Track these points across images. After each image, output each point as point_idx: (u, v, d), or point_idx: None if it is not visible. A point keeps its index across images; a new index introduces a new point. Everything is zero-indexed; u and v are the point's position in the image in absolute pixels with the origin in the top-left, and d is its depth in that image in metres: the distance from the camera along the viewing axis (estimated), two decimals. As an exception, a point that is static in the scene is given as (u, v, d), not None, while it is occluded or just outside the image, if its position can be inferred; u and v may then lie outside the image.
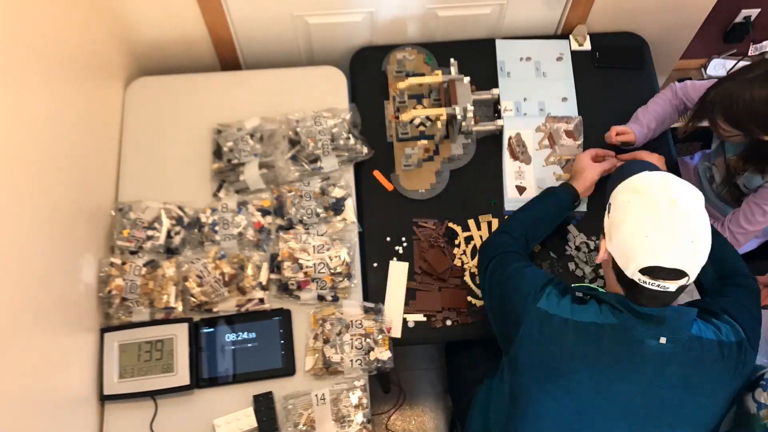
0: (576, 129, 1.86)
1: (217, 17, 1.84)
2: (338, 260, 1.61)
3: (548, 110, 1.89)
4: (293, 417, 1.49)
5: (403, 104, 1.86)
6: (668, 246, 1.11)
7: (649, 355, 1.18)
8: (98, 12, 1.69)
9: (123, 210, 1.66)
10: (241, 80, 1.90)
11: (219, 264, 1.60)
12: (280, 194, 1.71)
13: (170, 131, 1.80)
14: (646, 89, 1.93)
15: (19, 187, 1.24)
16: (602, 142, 1.80)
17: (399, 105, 1.86)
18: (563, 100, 1.90)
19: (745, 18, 2.38)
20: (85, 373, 1.48)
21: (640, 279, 1.14)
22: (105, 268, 1.57)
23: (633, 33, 2.03)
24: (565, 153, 1.84)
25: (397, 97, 1.86)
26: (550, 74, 1.94)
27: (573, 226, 1.75)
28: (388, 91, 1.89)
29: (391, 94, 1.88)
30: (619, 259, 1.17)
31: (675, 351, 1.18)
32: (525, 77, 1.93)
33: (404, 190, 1.78)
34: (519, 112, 1.88)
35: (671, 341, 1.18)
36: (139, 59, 1.96)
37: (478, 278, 1.69)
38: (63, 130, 1.46)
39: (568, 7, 1.94)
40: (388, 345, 1.56)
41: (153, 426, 1.50)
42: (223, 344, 1.56)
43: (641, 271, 1.13)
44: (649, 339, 1.18)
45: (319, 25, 1.94)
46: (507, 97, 1.90)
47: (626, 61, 1.98)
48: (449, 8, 1.93)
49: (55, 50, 1.45)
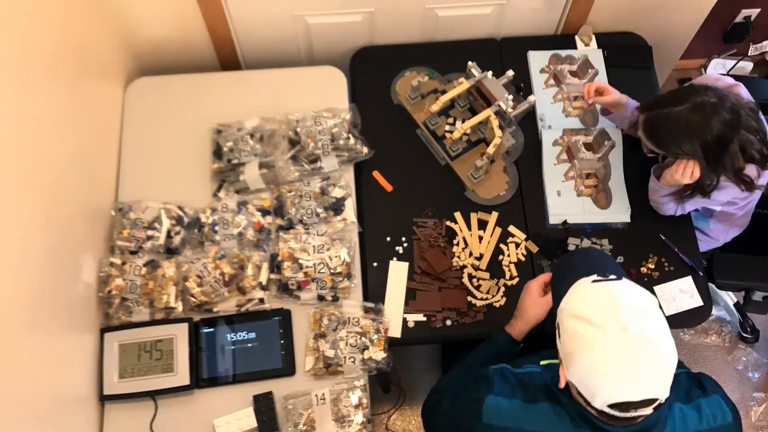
0: (596, 141, 1.84)
1: (217, 17, 1.84)
2: (338, 260, 1.61)
3: (584, 120, 1.89)
4: (293, 417, 1.49)
5: (436, 125, 1.84)
6: (631, 380, 1.00)
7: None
8: (98, 12, 1.69)
9: (123, 210, 1.66)
10: (241, 80, 1.90)
11: (219, 264, 1.60)
12: (280, 194, 1.71)
13: (170, 131, 1.80)
14: (648, 89, 1.93)
15: (19, 187, 1.24)
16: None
17: (434, 127, 1.84)
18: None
19: (745, 18, 2.38)
20: (85, 373, 1.48)
21: (610, 411, 1.04)
22: (105, 268, 1.57)
23: (633, 33, 2.03)
24: (585, 167, 1.82)
25: (429, 121, 1.84)
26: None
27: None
28: (414, 121, 1.87)
29: (421, 120, 1.85)
30: (582, 391, 1.07)
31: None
32: (560, 88, 1.93)
33: (487, 200, 1.78)
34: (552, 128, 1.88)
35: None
36: (139, 59, 1.96)
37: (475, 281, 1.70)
38: (63, 130, 1.46)
39: (568, 7, 1.94)
40: (383, 345, 1.56)
41: (153, 426, 1.50)
42: (223, 344, 1.56)
43: (610, 406, 1.03)
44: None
45: (319, 25, 1.94)
46: (544, 108, 1.90)
47: (634, 61, 1.98)
48: (449, 8, 1.93)
49: (55, 50, 1.45)
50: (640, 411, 1.03)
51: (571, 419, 1.12)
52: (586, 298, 1.08)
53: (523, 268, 1.71)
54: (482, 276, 1.70)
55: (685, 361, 1.67)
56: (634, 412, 1.03)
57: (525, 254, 1.73)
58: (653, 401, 1.02)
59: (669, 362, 1.03)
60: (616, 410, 1.03)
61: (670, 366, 1.03)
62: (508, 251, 1.73)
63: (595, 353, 1.02)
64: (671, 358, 1.03)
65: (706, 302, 1.69)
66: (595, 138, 1.85)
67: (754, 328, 2.31)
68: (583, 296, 1.09)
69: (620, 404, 1.02)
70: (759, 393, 2.26)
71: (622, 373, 1.00)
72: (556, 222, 1.75)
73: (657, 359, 1.01)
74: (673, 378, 1.04)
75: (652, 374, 1.00)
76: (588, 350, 1.02)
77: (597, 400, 1.04)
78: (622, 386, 1.01)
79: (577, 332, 1.05)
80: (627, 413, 1.03)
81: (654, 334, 1.02)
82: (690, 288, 1.70)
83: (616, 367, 1.00)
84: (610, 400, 1.02)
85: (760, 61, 2.62)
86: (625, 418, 1.05)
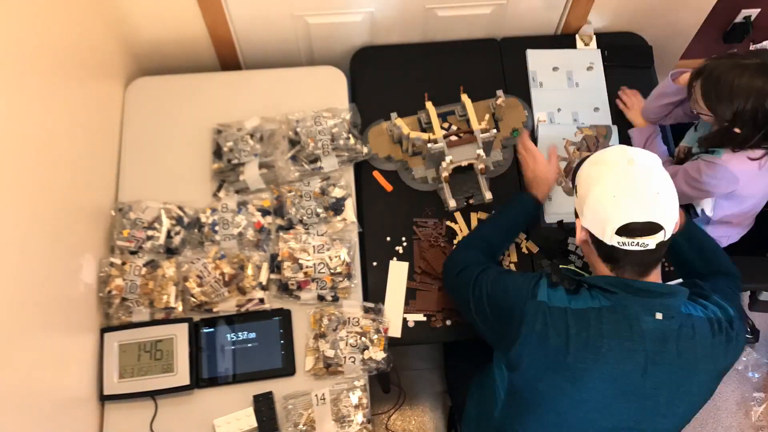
0: (589, 140, 1.84)
1: (217, 17, 1.84)
2: (338, 260, 1.61)
3: (581, 120, 1.89)
4: (293, 417, 1.49)
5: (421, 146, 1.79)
6: (636, 201, 1.15)
7: (648, 331, 1.19)
8: (98, 12, 1.69)
9: (123, 210, 1.66)
10: (241, 80, 1.90)
11: (219, 264, 1.60)
12: (280, 194, 1.71)
13: (170, 131, 1.80)
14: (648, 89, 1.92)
15: (18, 187, 1.24)
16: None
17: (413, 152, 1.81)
18: (595, 110, 1.90)
19: (745, 18, 2.38)
20: (85, 373, 1.48)
21: (618, 242, 1.17)
22: (105, 268, 1.57)
23: (633, 33, 2.03)
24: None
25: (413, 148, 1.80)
26: (582, 84, 1.94)
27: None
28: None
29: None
30: (594, 230, 1.21)
31: (671, 327, 1.19)
32: (557, 87, 1.93)
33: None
34: (553, 123, 1.88)
35: (667, 317, 1.19)
36: (139, 59, 1.96)
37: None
38: (63, 130, 1.46)
39: (568, 8, 1.94)
40: (383, 345, 1.56)
41: (153, 426, 1.50)
42: (223, 344, 1.56)
43: (618, 233, 1.16)
44: (645, 315, 1.19)
45: (319, 25, 1.94)
46: (540, 107, 1.90)
47: (634, 61, 1.98)
48: (449, 8, 1.93)
49: (55, 50, 1.45)
50: (644, 238, 1.15)
51: (603, 291, 1.23)
52: (600, 151, 1.27)
53: (524, 268, 1.71)
54: (482, 276, 1.70)
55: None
56: (640, 238, 1.15)
57: (526, 252, 1.73)
58: (656, 230, 1.15)
59: (669, 196, 1.18)
60: (624, 236, 1.16)
61: (671, 196, 1.18)
62: (509, 251, 1.73)
63: (605, 181, 1.19)
64: (671, 198, 1.18)
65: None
66: (588, 137, 1.86)
67: (754, 328, 2.31)
68: (597, 153, 1.27)
69: (627, 228, 1.15)
70: (759, 393, 2.26)
71: (627, 195, 1.16)
72: (552, 221, 1.75)
73: (659, 185, 1.17)
74: (675, 222, 1.18)
75: (653, 199, 1.15)
76: (600, 181, 1.20)
77: (607, 230, 1.17)
78: (627, 208, 1.15)
79: (591, 174, 1.23)
80: (633, 240, 1.16)
81: (656, 171, 1.19)
82: (690, 288, 1.70)
83: (623, 191, 1.16)
84: (618, 223, 1.15)
85: (760, 61, 2.61)
86: (633, 252, 1.17)
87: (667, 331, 1.19)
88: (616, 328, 1.20)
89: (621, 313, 1.20)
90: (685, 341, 1.20)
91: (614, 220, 1.16)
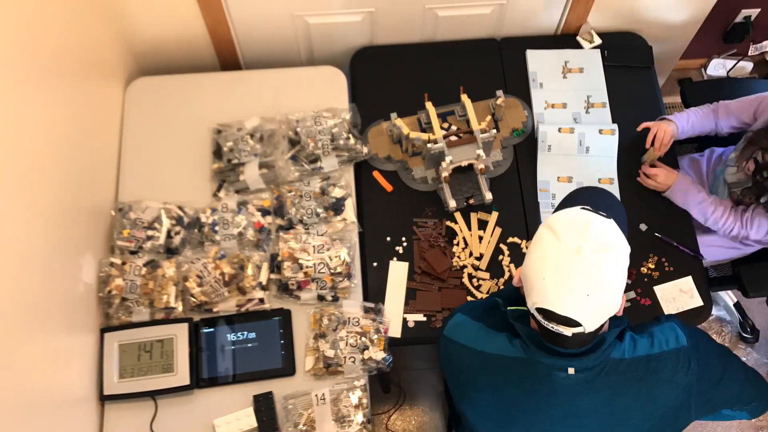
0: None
1: (217, 17, 1.84)
2: (338, 260, 1.61)
3: (581, 120, 1.89)
4: (293, 417, 1.49)
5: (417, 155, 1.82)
6: (561, 294, 1.04)
7: (560, 387, 1.13)
8: (98, 12, 1.69)
9: (123, 210, 1.66)
10: (241, 80, 1.90)
11: (219, 264, 1.60)
12: (280, 194, 1.71)
13: (170, 131, 1.80)
14: (648, 89, 1.93)
15: (19, 187, 1.24)
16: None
17: (414, 152, 1.81)
18: (595, 110, 1.89)
19: (745, 18, 2.38)
20: (85, 373, 1.48)
21: (536, 316, 1.09)
22: (105, 268, 1.57)
23: (633, 33, 2.04)
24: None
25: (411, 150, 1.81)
26: (582, 84, 1.94)
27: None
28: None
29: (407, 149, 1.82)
30: (524, 287, 1.13)
31: (588, 379, 1.13)
32: (557, 87, 1.93)
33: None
34: (553, 123, 1.87)
35: (581, 371, 1.12)
36: (139, 59, 1.96)
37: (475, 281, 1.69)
38: (63, 130, 1.46)
39: (568, 7, 1.94)
40: (383, 345, 1.56)
41: (153, 426, 1.50)
42: (223, 344, 1.56)
43: (536, 310, 1.08)
44: (557, 371, 1.12)
45: (319, 25, 1.94)
46: (540, 107, 1.90)
47: (634, 61, 1.98)
48: (449, 8, 1.93)
49: (55, 50, 1.45)
50: (560, 328, 1.06)
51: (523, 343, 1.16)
52: (565, 217, 1.12)
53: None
54: (482, 276, 1.70)
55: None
56: (555, 325, 1.06)
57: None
58: (574, 324, 1.05)
59: (602, 297, 1.05)
60: (541, 315, 1.08)
61: (603, 302, 1.05)
62: (509, 251, 1.73)
63: (544, 259, 1.08)
64: (607, 298, 1.06)
65: (706, 302, 1.69)
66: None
67: (754, 328, 2.31)
68: (564, 214, 1.13)
69: (544, 310, 1.06)
70: (759, 393, 2.26)
71: (555, 284, 1.05)
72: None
73: (593, 287, 1.04)
74: (605, 319, 1.08)
75: (581, 299, 1.04)
76: (540, 254, 1.09)
77: (529, 299, 1.09)
78: (550, 295, 1.05)
79: (542, 238, 1.11)
80: (549, 323, 1.07)
81: (603, 266, 1.05)
82: (690, 288, 1.70)
83: (554, 278, 1.05)
84: (538, 303, 1.07)
85: (760, 61, 2.62)
86: (549, 330, 1.08)
87: (582, 384, 1.13)
88: (524, 383, 1.16)
89: (531, 367, 1.15)
90: (611, 389, 1.14)
91: (536, 298, 1.07)
